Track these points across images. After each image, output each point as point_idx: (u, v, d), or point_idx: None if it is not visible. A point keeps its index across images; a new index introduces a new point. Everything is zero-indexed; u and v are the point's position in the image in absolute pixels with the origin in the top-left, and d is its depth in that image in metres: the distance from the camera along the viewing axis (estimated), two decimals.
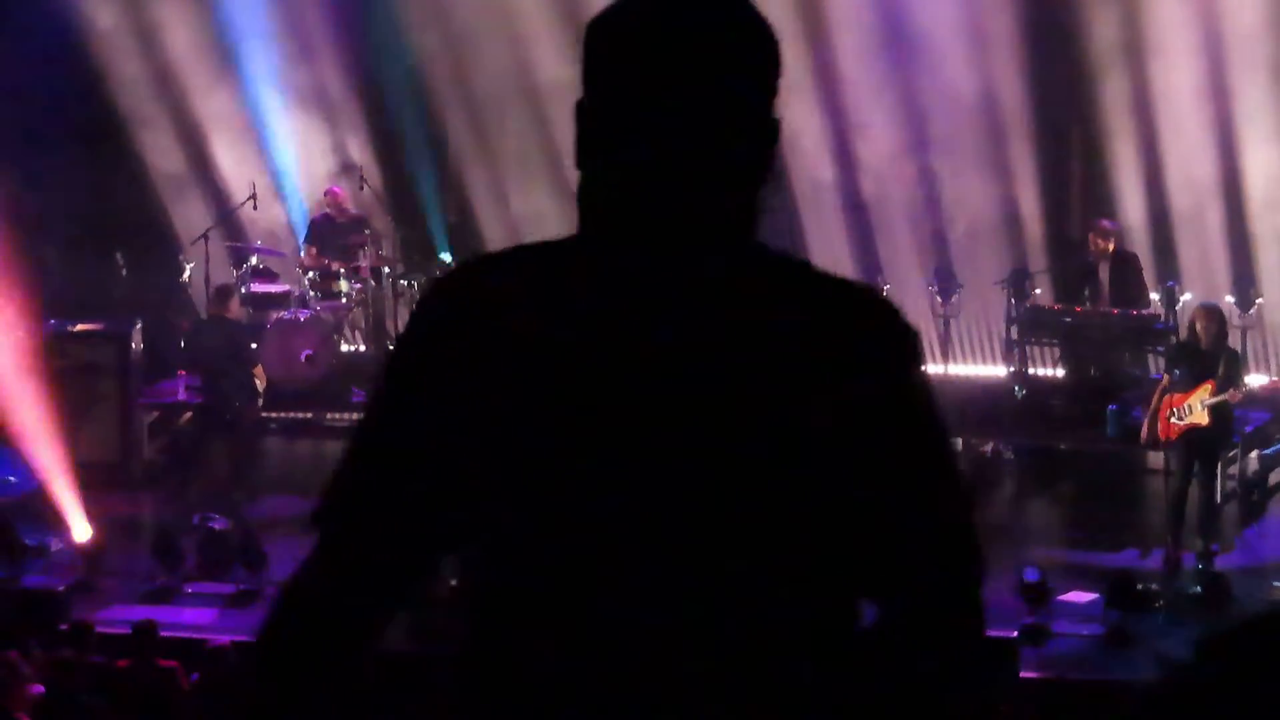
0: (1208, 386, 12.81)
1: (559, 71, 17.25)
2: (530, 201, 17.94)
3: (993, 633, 11.05)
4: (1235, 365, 13.05)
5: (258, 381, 14.93)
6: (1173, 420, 12.89)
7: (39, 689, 9.42)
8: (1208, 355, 12.92)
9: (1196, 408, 12.82)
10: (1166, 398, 13.01)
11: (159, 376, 16.02)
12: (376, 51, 17.66)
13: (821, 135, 17.15)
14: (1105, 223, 15.42)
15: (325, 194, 17.05)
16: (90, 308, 16.28)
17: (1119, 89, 16.52)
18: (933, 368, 17.42)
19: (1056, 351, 15.83)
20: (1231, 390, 12.85)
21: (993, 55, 16.61)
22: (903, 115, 17.04)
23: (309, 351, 15.91)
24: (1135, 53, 16.39)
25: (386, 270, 17.04)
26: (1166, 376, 13.14)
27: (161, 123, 18.07)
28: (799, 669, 2.57)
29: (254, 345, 15.37)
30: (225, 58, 17.86)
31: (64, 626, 11.11)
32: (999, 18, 16.47)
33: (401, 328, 2.73)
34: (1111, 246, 15.20)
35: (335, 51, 17.76)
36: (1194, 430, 12.85)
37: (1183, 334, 14.01)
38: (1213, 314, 13.18)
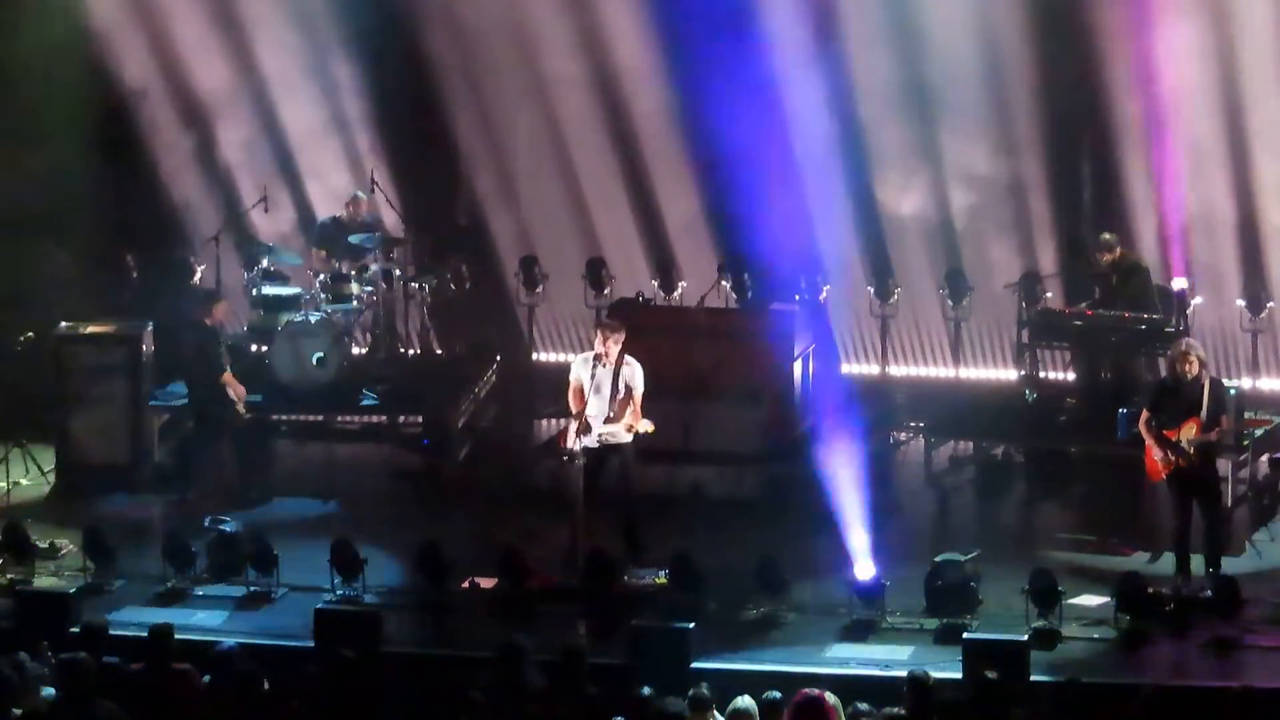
0: (1192, 424, 12.56)
1: (567, 68, 17.36)
2: (540, 204, 17.99)
3: (1002, 636, 11.10)
4: (1219, 399, 12.69)
5: (230, 391, 14.83)
6: (1159, 460, 12.59)
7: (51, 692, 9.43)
8: (1188, 391, 12.71)
9: (1183, 445, 12.56)
10: (1154, 433, 12.69)
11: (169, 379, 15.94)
12: (386, 53, 17.67)
13: (832, 140, 17.14)
14: (1104, 235, 15.38)
15: (350, 199, 16.95)
16: (102, 310, 16.24)
17: (1131, 94, 16.51)
18: (943, 371, 17.46)
19: (1067, 355, 15.80)
20: (1215, 430, 12.60)
21: (1006, 58, 16.61)
22: (915, 121, 17.04)
23: (320, 354, 15.90)
24: (1147, 59, 16.38)
25: (397, 274, 17.05)
26: (1146, 412, 12.78)
27: (174, 126, 18.09)
28: None
29: (223, 353, 14.87)
30: (240, 61, 17.87)
31: (75, 629, 11.11)
32: (1013, 26, 16.47)
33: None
34: (1112, 257, 15.13)
35: (347, 55, 17.77)
36: (1180, 469, 12.60)
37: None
38: (1187, 352, 12.72)
